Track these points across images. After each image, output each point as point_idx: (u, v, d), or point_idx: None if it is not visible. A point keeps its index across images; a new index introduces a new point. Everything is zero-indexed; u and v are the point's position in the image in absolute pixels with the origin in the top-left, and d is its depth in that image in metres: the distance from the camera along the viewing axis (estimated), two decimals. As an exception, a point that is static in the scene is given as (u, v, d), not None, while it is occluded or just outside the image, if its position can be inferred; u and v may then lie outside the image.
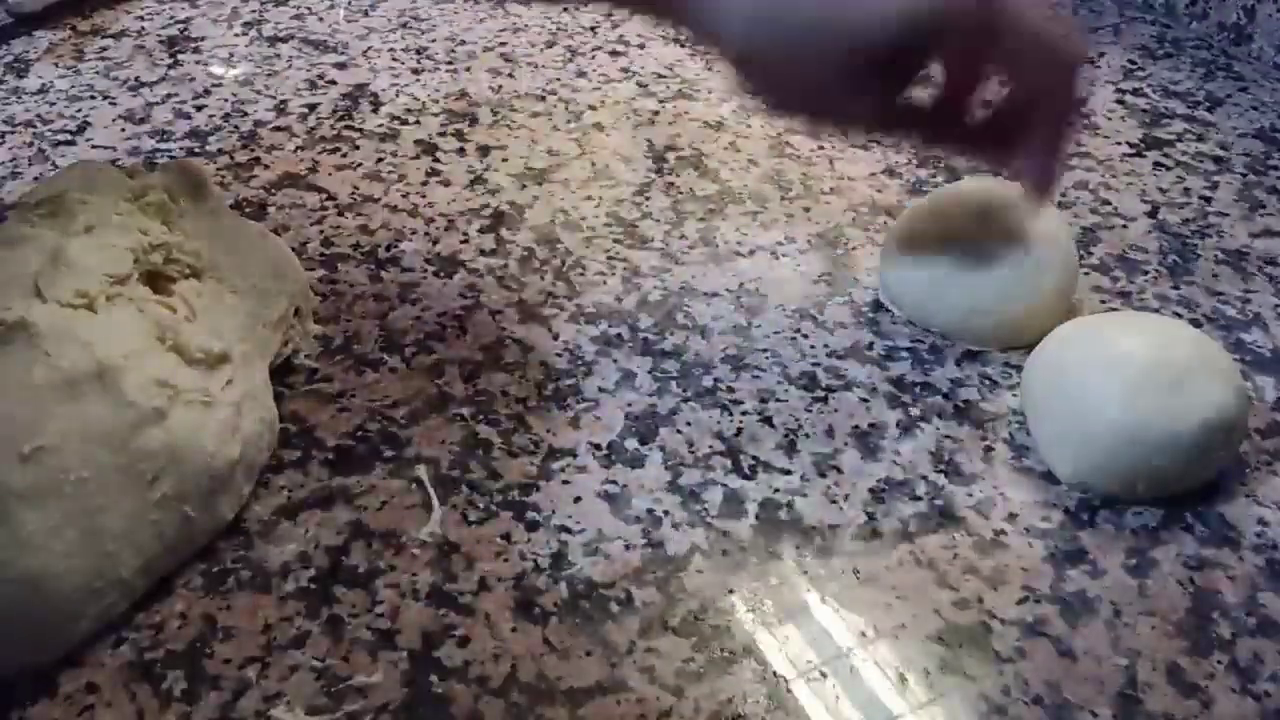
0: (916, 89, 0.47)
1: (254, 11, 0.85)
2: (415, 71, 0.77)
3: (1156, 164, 0.70)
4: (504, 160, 0.69)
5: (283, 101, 0.74)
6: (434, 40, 0.81)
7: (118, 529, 0.41)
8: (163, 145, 0.69)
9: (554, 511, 0.47)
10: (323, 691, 0.41)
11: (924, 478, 0.49)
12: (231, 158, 0.68)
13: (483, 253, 0.61)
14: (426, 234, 0.62)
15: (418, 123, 0.72)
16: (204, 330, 0.47)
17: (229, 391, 0.46)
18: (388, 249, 0.61)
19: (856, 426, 0.51)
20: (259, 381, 0.49)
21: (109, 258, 0.46)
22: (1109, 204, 0.66)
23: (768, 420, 0.52)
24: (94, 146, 0.69)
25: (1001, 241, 0.54)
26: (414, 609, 0.43)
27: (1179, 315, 0.58)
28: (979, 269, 0.54)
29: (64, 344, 0.42)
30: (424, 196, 0.65)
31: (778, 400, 0.53)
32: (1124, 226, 0.64)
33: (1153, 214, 0.65)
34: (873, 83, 0.45)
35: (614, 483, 0.49)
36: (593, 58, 0.80)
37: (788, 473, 0.49)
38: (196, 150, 0.68)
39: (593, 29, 0.83)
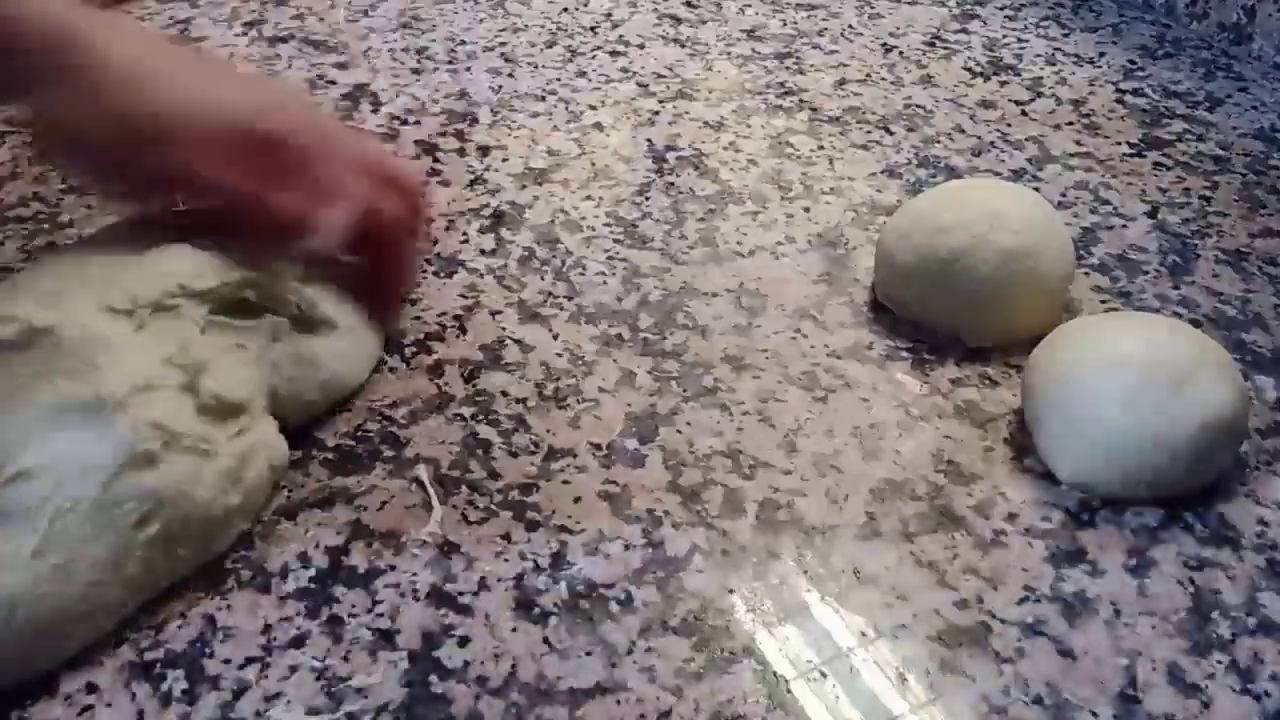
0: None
1: (254, 11, 0.84)
2: (415, 71, 0.77)
3: (1156, 164, 0.70)
4: (504, 160, 0.69)
5: (283, 101, 0.74)
6: (434, 40, 0.81)
7: (102, 560, 0.41)
8: (163, 145, 0.69)
9: (554, 511, 0.47)
10: (323, 691, 0.41)
11: (924, 478, 0.49)
12: (231, 158, 0.68)
13: (483, 253, 0.61)
14: (426, 234, 0.62)
15: (418, 123, 0.72)
16: (235, 375, 0.45)
17: (236, 442, 0.44)
18: (388, 249, 0.61)
19: (856, 426, 0.51)
20: (272, 427, 0.47)
21: (194, 268, 0.46)
22: (1109, 204, 0.66)
23: (768, 420, 0.52)
24: (94, 146, 0.69)
25: (996, 233, 0.54)
26: (414, 609, 0.43)
27: (1179, 315, 0.58)
28: (974, 260, 0.54)
29: (76, 363, 0.41)
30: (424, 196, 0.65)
31: (778, 400, 0.53)
32: (1124, 226, 0.64)
33: (1153, 214, 0.65)
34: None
35: (614, 483, 0.49)
36: (593, 58, 0.80)
37: (788, 473, 0.49)
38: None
39: (593, 29, 0.83)
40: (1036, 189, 0.65)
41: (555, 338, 0.56)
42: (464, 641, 0.42)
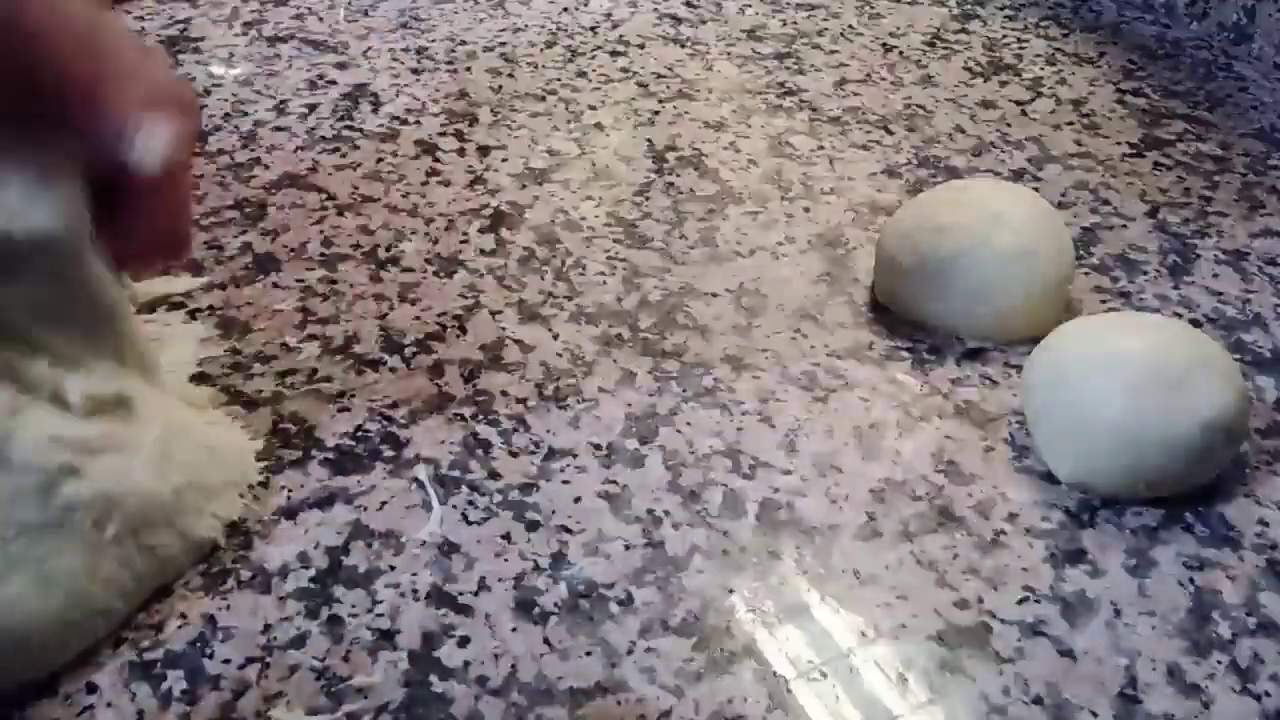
0: None
1: (254, 11, 0.85)
2: (415, 71, 0.77)
3: (1156, 164, 0.70)
4: (504, 160, 0.69)
5: (283, 101, 0.74)
6: (434, 40, 0.81)
7: (78, 569, 0.40)
8: (163, 145, 0.69)
9: (554, 511, 0.47)
10: (323, 691, 0.41)
11: (924, 478, 0.49)
12: (231, 158, 0.68)
13: (483, 253, 0.61)
14: (426, 234, 0.62)
15: (418, 123, 0.72)
16: (87, 376, 0.43)
17: (145, 430, 0.43)
18: (388, 249, 0.61)
19: (856, 426, 0.51)
20: (183, 417, 0.46)
21: None
22: (1109, 204, 0.66)
23: (768, 420, 0.52)
24: (94, 146, 0.69)
25: (996, 233, 0.54)
26: (414, 609, 0.43)
27: (1179, 315, 0.58)
28: (974, 260, 0.54)
29: None
30: (424, 196, 0.65)
31: (778, 400, 0.53)
32: (1124, 226, 0.64)
33: (1153, 214, 0.65)
34: None
35: (614, 483, 0.49)
36: (593, 58, 0.80)
37: (788, 473, 0.49)
38: (196, 150, 0.68)
39: (593, 29, 0.83)
40: (1036, 189, 0.65)
41: (555, 338, 0.56)
42: (464, 641, 0.42)
